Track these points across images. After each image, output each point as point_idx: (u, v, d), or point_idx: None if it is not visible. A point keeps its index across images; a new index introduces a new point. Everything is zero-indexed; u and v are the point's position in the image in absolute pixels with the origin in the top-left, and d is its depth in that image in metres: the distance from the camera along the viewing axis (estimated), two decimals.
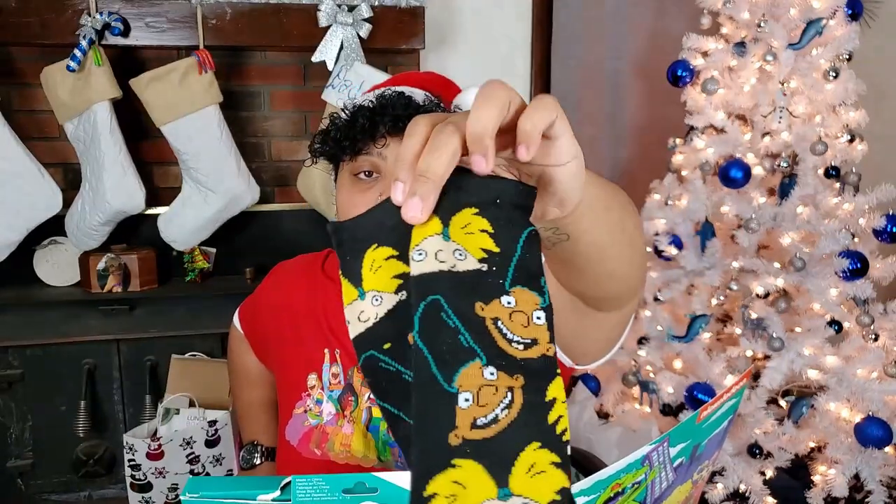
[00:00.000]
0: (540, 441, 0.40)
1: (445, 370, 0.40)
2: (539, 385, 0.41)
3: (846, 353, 1.87)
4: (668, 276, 2.17)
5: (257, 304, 1.20)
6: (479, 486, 0.39)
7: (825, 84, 1.96)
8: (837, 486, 1.75)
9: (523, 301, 0.42)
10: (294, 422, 1.03)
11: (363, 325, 0.45)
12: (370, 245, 0.45)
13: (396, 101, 0.91)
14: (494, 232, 0.43)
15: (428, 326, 0.41)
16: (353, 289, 0.46)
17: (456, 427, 0.39)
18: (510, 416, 0.40)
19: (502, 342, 0.41)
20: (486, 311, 0.42)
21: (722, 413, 0.73)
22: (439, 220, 0.43)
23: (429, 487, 0.38)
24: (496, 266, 0.42)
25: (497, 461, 0.39)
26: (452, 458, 0.39)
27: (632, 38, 2.81)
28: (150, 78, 2.10)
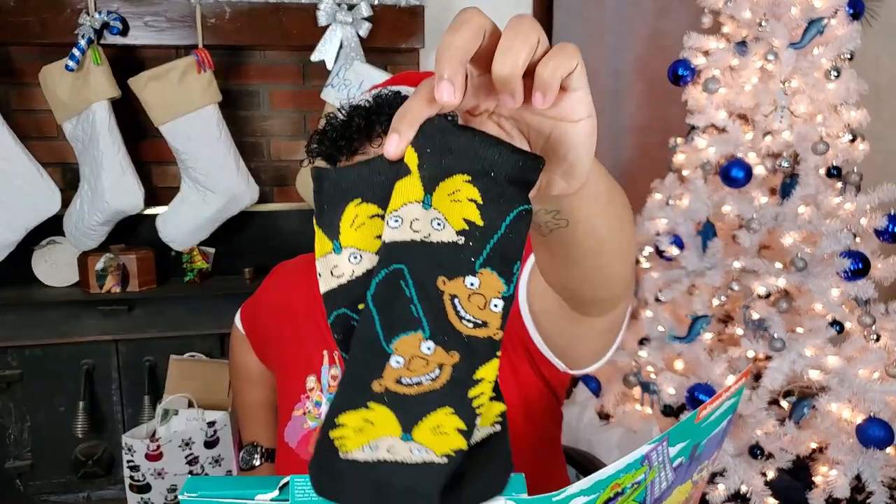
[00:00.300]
0: (453, 408, 0.42)
1: (387, 332, 0.43)
2: (472, 364, 0.43)
3: (848, 354, 1.86)
4: (670, 276, 2.17)
5: (258, 305, 1.20)
6: (385, 427, 0.43)
7: (826, 83, 1.96)
8: (839, 486, 1.74)
9: (487, 285, 0.42)
10: (293, 424, 1.03)
11: (336, 280, 0.45)
12: (353, 199, 0.44)
13: (393, 101, 0.90)
14: (483, 203, 0.41)
15: (384, 292, 0.43)
16: (328, 241, 0.45)
17: (381, 377, 0.43)
18: (433, 386, 0.43)
19: (453, 317, 0.42)
20: (447, 287, 0.42)
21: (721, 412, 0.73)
22: (422, 186, 0.42)
23: (341, 417, 0.43)
24: (473, 241, 0.42)
25: (408, 414, 0.42)
26: (369, 401, 0.43)
27: (632, 38, 2.80)
28: (148, 77, 2.10)
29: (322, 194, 0.45)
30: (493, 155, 0.41)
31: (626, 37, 2.80)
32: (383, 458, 0.43)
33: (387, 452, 0.43)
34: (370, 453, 0.43)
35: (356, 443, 0.43)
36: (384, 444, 0.43)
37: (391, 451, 0.43)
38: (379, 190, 0.44)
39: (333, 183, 0.44)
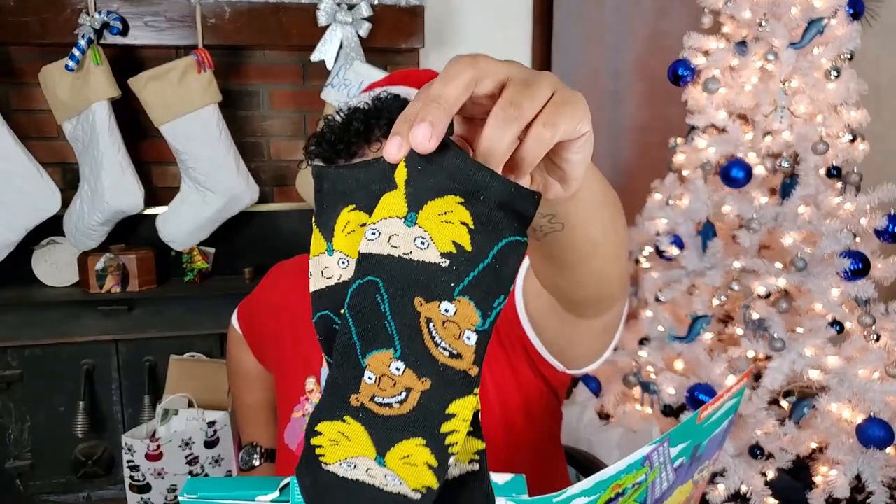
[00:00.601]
0: (425, 441, 0.41)
1: (363, 344, 0.42)
2: (444, 395, 0.41)
3: (848, 354, 1.86)
4: (669, 276, 2.16)
5: (256, 305, 1.20)
6: (360, 444, 0.42)
7: (826, 83, 1.96)
8: (839, 486, 1.74)
9: (462, 315, 0.40)
10: (292, 426, 1.03)
11: (325, 281, 0.45)
12: (348, 204, 0.44)
13: (392, 104, 0.90)
14: (474, 229, 0.40)
15: (359, 303, 0.42)
16: (323, 241, 0.45)
17: (358, 392, 0.42)
18: (401, 410, 0.42)
19: (429, 342, 0.41)
20: (423, 309, 0.41)
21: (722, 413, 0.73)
22: (406, 203, 0.41)
23: (320, 426, 0.43)
24: (457, 266, 0.40)
25: (380, 436, 0.42)
26: (346, 415, 0.42)
27: (632, 38, 2.80)
28: (148, 77, 2.09)
29: (322, 194, 0.44)
30: (486, 178, 0.39)
31: (626, 37, 2.80)
32: (362, 480, 0.43)
33: (366, 474, 0.43)
34: (349, 471, 0.43)
35: (334, 456, 0.43)
36: (363, 465, 0.43)
37: (370, 473, 0.43)
38: (372, 199, 0.43)
39: (333, 183, 0.44)
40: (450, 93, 0.38)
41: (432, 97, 0.38)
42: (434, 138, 0.37)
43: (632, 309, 2.32)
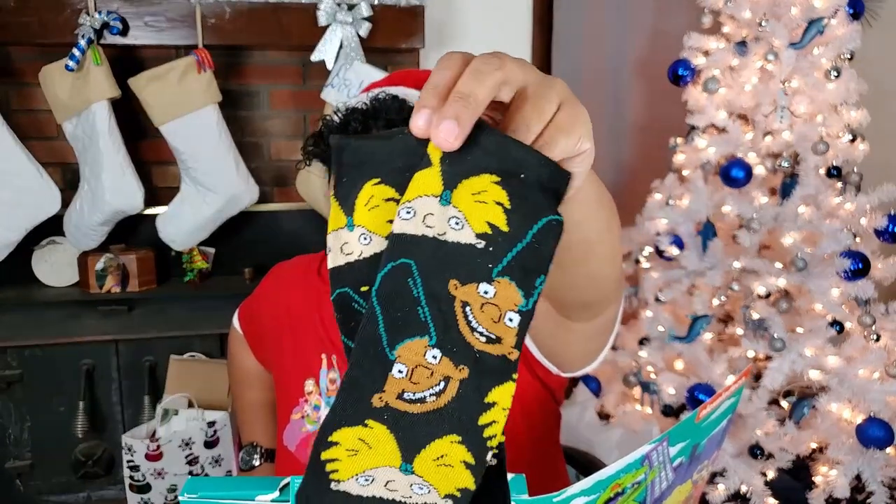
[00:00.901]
0: (461, 437, 0.39)
1: (391, 335, 0.39)
2: (483, 383, 0.39)
3: (848, 354, 1.86)
4: (670, 276, 2.16)
5: (256, 305, 1.20)
6: (383, 452, 0.39)
7: (827, 83, 1.96)
8: (839, 487, 1.74)
9: (503, 296, 0.38)
10: (292, 427, 1.03)
11: (345, 257, 0.43)
12: (372, 177, 0.42)
13: (390, 105, 0.90)
14: (510, 208, 0.38)
15: (389, 287, 0.39)
16: (343, 216, 0.42)
17: (383, 391, 0.39)
18: (437, 404, 0.39)
19: (464, 327, 0.39)
20: (458, 292, 0.39)
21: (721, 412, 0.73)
22: (442, 180, 0.39)
23: (335, 435, 0.39)
24: (494, 247, 0.38)
25: (409, 438, 0.39)
26: (367, 418, 0.39)
27: (632, 38, 2.80)
28: (148, 77, 2.09)
29: (342, 165, 0.42)
30: (525, 157, 0.38)
31: (626, 37, 2.80)
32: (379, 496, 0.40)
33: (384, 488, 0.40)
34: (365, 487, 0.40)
35: (350, 471, 0.39)
36: (382, 477, 0.39)
37: (389, 486, 0.39)
38: (397, 174, 0.41)
39: (354, 154, 0.42)
40: (480, 94, 0.37)
41: (463, 93, 0.37)
42: (460, 137, 0.37)
43: (632, 309, 2.32)
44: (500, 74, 0.38)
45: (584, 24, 2.75)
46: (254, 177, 2.30)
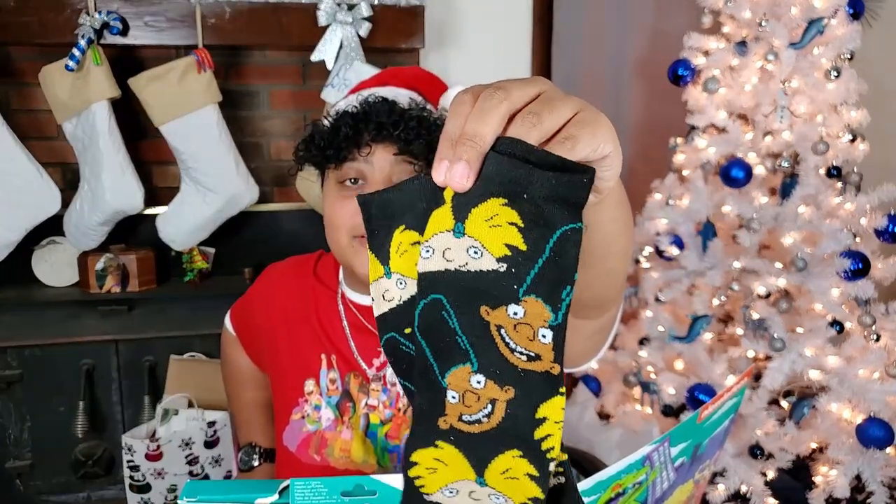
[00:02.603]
0: (521, 451, 0.41)
1: (440, 364, 0.42)
2: (530, 401, 0.40)
3: (848, 354, 1.86)
4: (670, 276, 2.16)
5: (249, 306, 1.19)
6: (459, 468, 0.42)
7: (826, 83, 1.96)
8: (839, 486, 1.74)
9: (532, 314, 0.39)
10: (292, 428, 1.02)
11: (387, 304, 0.45)
12: (399, 225, 0.44)
13: (380, 108, 0.90)
14: (524, 226, 0.39)
15: (427, 323, 0.42)
16: (380, 266, 0.45)
17: (445, 414, 0.42)
18: (491, 423, 0.41)
19: (504, 349, 0.40)
20: (491, 317, 0.40)
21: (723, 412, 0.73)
22: (452, 214, 0.40)
23: (414, 456, 0.43)
24: (516, 268, 0.39)
25: (476, 455, 0.42)
26: (437, 440, 0.42)
27: (632, 38, 2.80)
28: (148, 77, 2.09)
29: (372, 222, 0.45)
30: (524, 175, 0.39)
31: (626, 37, 2.80)
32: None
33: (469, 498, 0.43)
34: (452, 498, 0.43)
35: (435, 485, 0.43)
36: (465, 489, 0.43)
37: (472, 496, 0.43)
38: (420, 217, 0.43)
39: (380, 209, 0.44)
40: (487, 133, 0.39)
41: (469, 135, 0.39)
42: (471, 177, 0.39)
43: (632, 309, 2.32)
44: (506, 106, 0.39)
45: (584, 24, 2.75)
46: (254, 177, 2.30)
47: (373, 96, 0.92)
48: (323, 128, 0.93)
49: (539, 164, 0.38)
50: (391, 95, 0.93)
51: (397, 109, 0.89)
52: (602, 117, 0.42)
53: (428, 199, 0.42)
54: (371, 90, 0.95)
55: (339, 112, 0.93)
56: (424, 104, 0.93)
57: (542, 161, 0.38)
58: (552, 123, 0.40)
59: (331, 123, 0.92)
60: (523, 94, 0.40)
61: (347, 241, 0.92)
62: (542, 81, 0.42)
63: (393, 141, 0.89)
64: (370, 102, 0.91)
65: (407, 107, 0.91)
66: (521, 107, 0.40)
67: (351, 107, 0.92)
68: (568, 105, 0.40)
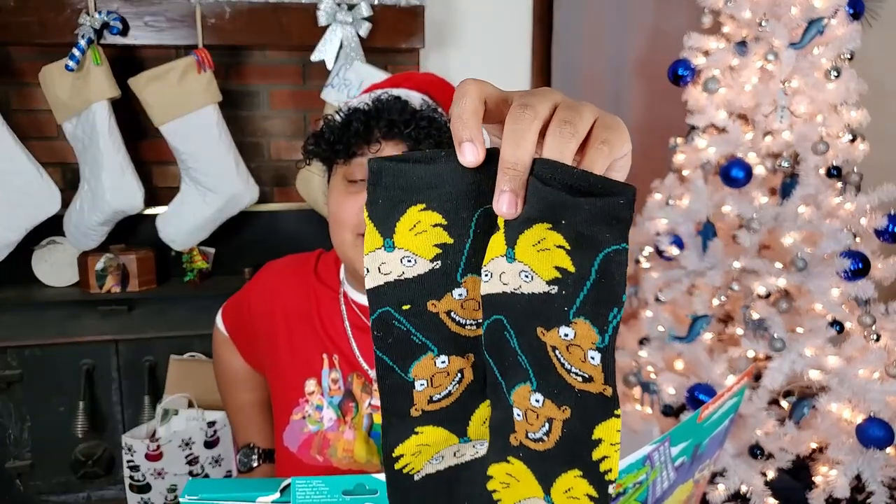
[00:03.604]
0: (581, 471, 0.42)
1: (506, 382, 0.44)
2: (586, 422, 0.41)
3: (848, 354, 1.86)
4: (670, 276, 2.16)
5: (245, 305, 1.17)
6: (528, 484, 0.44)
7: (827, 83, 1.96)
8: (839, 486, 1.74)
9: (581, 336, 0.40)
10: (292, 428, 1.02)
11: (383, 277, 0.44)
12: (417, 202, 0.42)
13: (392, 106, 0.90)
14: (571, 249, 0.39)
15: (492, 342, 0.44)
16: (379, 237, 0.43)
17: (515, 431, 0.44)
18: (550, 443, 0.42)
19: (561, 370, 0.41)
20: (546, 338, 0.41)
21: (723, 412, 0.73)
22: (504, 240, 0.41)
23: (490, 470, 0.46)
24: (566, 290, 0.39)
25: (541, 472, 0.43)
26: (508, 455, 0.45)
27: (632, 38, 2.80)
28: (148, 77, 2.09)
29: (379, 187, 0.43)
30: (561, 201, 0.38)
31: (626, 36, 2.80)
32: None
33: None
34: None
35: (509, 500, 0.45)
36: None
37: None
38: (447, 200, 0.42)
39: (394, 178, 0.42)
40: (525, 157, 0.39)
41: (509, 163, 0.39)
42: (519, 205, 0.40)
43: (632, 309, 2.32)
44: (537, 124, 0.40)
45: (584, 23, 2.75)
46: (254, 177, 2.30)
47: (385, 94, 0.92)
48: (334, 123, 0.93)
49: (579, 185, 0.38)
50: (404, 96, 0.93)
51: (409, 109, 0.90)
52: (618, 118, 0.43)
53: (455, 183, 0.42)
54: (384, 90, 0.95)
55: (351, 108, 0.93)
56: (436, 106, 0.94)
57: (582, 181, 0.38)
58: (584, 129, 0.40)
59: (342, 119, 0.92)
60: (546, 107, 0.41)
61: (352, 239, 0.92)
62: (552, 91, 0.42)
63: (403, 139, 0.89)
64: (382, 100, 0.91)
65: (419, 107, 0.91)
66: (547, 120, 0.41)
67: (363, 104, 0.92)
68: (587, 110, 0.41)
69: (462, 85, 0.42)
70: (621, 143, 0.41)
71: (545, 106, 0.41)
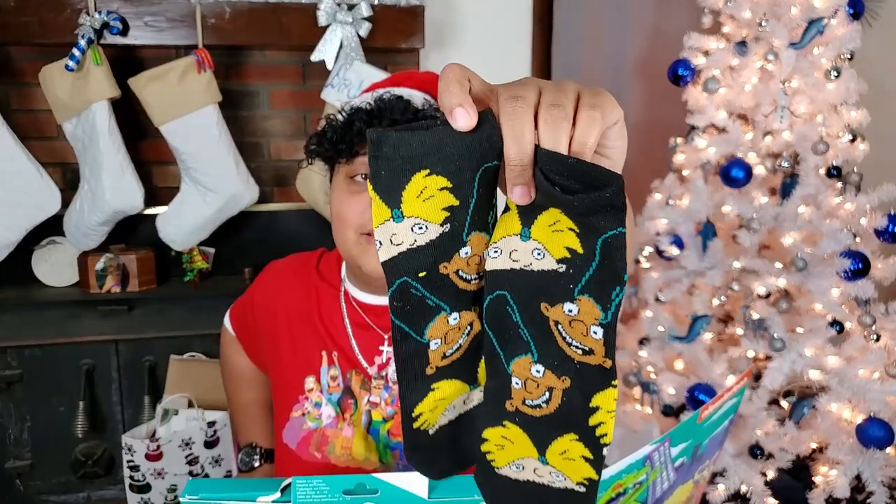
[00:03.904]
0: (577, 435, 0.45)
1: (506, 353, 0.46)
2: (585, 391, 0.44)
3: (848, 354, 1.86)
4: (670, 276, 2.16)
5: (249, 305, 1.19)
6: (523, 446, 0.47)
7: (826, 83, 1.96)
8: (839, 486, 1.74)
9: (585, 312, 0.42)
10: (292, 425, 1.02)
11: (396, 248, 0.44)
12: (420, 169, 0.42)
13: (394, 105, 0.90)
14: (580, 231, 0.42)
15: (493, 316, 0.46)
16: (387, 209, 0.43)
17: (511, 398, 0.47)
18: (549, 409, 0.45)
19: (562, 343, 0.44)
20: (550, 313, 0.44)
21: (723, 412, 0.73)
22: (520, 220, 0.44)
23: (485, 433, 0.48)
24: (573, 269, 0.42)
25: (538, 435, 0.46)
26: (504, 420, 0.47)
27: (632, 38, 2.80)
28: (148, 77, 2.09)
29: (380, 158, 0.42)
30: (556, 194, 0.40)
31: (626, 36, 2.80)
32: (532, 479, 0.48)
33: (534, 473, 0.47)
34: (519, 472, 0.48)
35: (503, 459, 0.48)
36: (530, 465, 0.47)
37: (537, 472, 0.47)
38: (450, 163, 0.42)
39: (394, 148, 0.42)
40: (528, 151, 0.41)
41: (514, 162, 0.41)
42: (532, 193, 0.42)
43: (632, 309, 2.32)
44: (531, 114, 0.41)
45: (584, 24, 2.75)
46: (254, 177, 2.30)
47: (388, 94, 0.92)
48: (336, 123, 0.93)
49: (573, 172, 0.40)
50: (406, 95, 0.93)
51: (411, 108, 0.90)
52: (600, 88, 0.44)
53: (455, 145, 0.42)
54: (386, 89, 0.95)
55: (353, 108, 0.93)
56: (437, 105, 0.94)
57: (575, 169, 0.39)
58: (572, 107, 0.42)
59: (344, 118, 0.93)
60: (534, 95, 0.42)
61: (355, 238, 0.92)
62: (532, 78, 0.44)
63: None
64: (385, 100, 0.91)
65: (421, 106, 0.91)
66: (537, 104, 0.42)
67: (365, 103, 0.92)
68: (570, 86, 0.43)
69: (445, 68, 0.43)
70: (611, 109, 0.43)
71: (532, 93, 0.42)
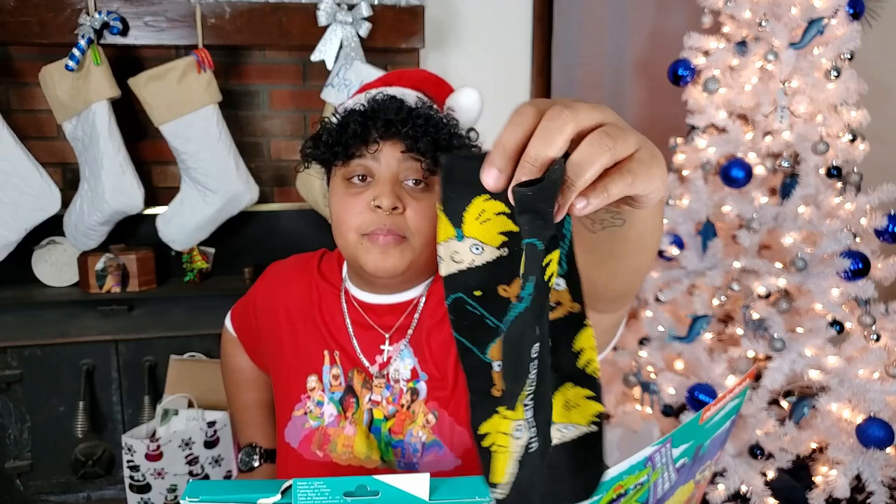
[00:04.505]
0: (573, 382, 0.48)
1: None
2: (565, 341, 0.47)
3: (848, 354, 1.86)
4: (670, 276, 2.16)
5: (250, 306, 1.19)
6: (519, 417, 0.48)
7: (827, 83, 1.96)
8: (839, 486, 1.74)
9: None
10: (294, 423, 1.03)
11: (456, 265, 0.48)
12: (482, 193, 0.45)
13: (388, 105, 0.90)
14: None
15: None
16: (452, 228, 0.47)
17: (494, 384, 0.49)
18: None
19: None
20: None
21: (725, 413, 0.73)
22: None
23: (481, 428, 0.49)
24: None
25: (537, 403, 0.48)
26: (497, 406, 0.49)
27: (632, 38, 2.80)
28: (148, 77, 2.09)
29: (450, 183, 0.46)
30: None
31: (627, 36, 2.80)
32: None
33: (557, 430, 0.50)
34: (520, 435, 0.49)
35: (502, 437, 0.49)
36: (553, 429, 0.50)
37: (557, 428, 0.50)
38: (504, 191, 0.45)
39: (463, 173, 0.45)
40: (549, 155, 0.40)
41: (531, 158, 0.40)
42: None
43: (632, 309, 2.32)
44: (572, 127, 0.40)
45: (584, 24, 2.75)
46: (254, 177, 2.30)
47: (381, 94, 0.92)
48: (331, 125, 0.94)
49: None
50: (399, 95, 0.93)
51: (405, 107, 0.90)
52: (659, 156, 0.44)
53: None
54: (379, 90, 0.95)
55: (347, 110, 0.93)
56: (431, 103, 0.94)
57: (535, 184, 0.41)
58: (621, 153, 0.41)
59: (339, 121, 0.93)
60: (589, 118, 0.41)
61: (356, 239, 0.92)
62: (608, 110, 0.43)
63: (401, 138, 0.90)
64: (378, 101, 0.91)
65: (414, 105, 0.91)
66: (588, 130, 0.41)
67: (359, 105, 0.92)
68: (633, 138, 0.42)
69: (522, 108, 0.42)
70: (647, 180, 0.42)
71: (589, 116, 0.41)
